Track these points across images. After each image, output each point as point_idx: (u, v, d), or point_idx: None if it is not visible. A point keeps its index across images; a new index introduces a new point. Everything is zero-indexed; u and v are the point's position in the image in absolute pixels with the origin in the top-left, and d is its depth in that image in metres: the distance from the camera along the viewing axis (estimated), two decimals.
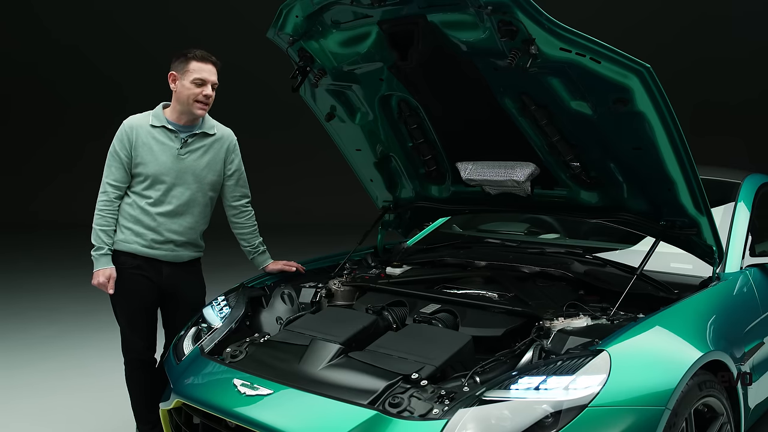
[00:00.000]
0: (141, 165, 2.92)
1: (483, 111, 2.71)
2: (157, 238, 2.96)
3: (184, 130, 2.97)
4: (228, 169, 3.09)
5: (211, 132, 3.03)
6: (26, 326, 5.46)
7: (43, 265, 8.17)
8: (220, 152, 3.04)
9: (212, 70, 2.91)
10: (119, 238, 2.98)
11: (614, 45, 2.13)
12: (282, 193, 12.16)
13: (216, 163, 3.04)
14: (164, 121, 2.95)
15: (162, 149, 2.93)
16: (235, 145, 3.13)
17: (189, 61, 2.88)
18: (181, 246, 3.02)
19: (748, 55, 11.64)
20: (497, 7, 2.15)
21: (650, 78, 2.15)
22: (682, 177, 2.38)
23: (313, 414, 2.08)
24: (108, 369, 4.29)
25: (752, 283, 2.78)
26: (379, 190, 3.48)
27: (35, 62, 13.23)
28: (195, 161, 2.98)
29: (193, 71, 2.87)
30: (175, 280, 3.04)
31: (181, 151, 2.94)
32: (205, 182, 3.01)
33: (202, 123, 3.01)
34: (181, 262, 3.04)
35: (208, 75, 2.89)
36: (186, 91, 2.88)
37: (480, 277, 2.95)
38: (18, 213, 12.15)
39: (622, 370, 1.96)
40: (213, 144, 3.03)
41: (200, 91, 2.88)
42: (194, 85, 2.87)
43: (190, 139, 2.97)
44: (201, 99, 2.89)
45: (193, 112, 2.91)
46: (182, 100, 2.91)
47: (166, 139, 2.94)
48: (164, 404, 2.58)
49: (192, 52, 2.90)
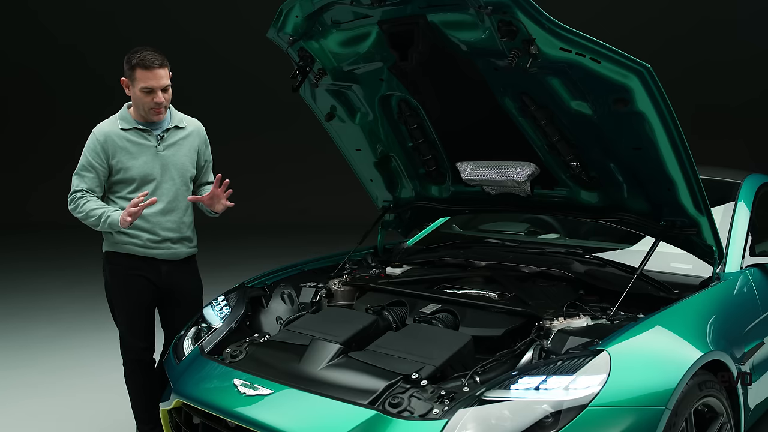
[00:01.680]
0: (123, 170, 2.91)
1: (483, 111, 2.71)
2: (153, 237, 2.96)
3: (156, 127, 2.97)
4: (201, 159, 3.13)
5: (182, 125, 3.04)
6: (25, 326, 5.46)
7: (42, 265, 8.16)
8: (194, 143, 3.07)
9: (159, 74, 2.81)
10: (115, 240, 2.97)
11: (616, 46, 2.13)
12: (282, 193, 12.16)
13: (193, 154, 3.07)
14: (133, 122, 2.94)
15: (140, 150, 2.93)
16: (205, 134, 3.16)
17: (134, 69, 2.80)
18: (177, 242, 3.04)
19: (750, 57, 11.63)
20: (497, 7, 2.15)
21: (650, 78, 2.15)
22: (682, 177, 2.38)
23: (313, 414, 2.08)
24: (107, 368, 4.29)
25: (752, 283, 2.78)
26: (379, 190, 3.48)
27: (33, 62, 13.21)
28: (174, 155, 3.00)
29: (139, 80, 2.81)
30: (174, 279, 3.05)
31: (159, 147, 2.96)
32: (187, 174, 3.04)
33: (170, 118, 3.01)
34: (178, 260, 3.05)
35: (155, 82, 2.81)
36: (138, 100, 2.86)
37: (480, 277, 2.95)
38: (16, 213, 12.14)
39: (622, 370, 1.96)
40: (187, 136, 3.05)
41: (150, 99, 2.84)
42: (143, 93, 2.83)
43: (165, 135, 2.98)
44: (152, 106, 2.85)
45: (151, 119, 2.92)
46: (138, 107, 2.90)
47: (141, 139, 2.94)
48: (164, 404, 2.58)
49: (135, 58, 2.80)
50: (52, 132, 13.17)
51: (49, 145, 13.06)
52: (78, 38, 12.98)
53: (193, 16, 12.67)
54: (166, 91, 2.87)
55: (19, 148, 13.18)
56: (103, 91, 12.75)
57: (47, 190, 12.73)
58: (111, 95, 13.29)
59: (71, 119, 12.94)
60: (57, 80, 13.23)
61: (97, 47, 12.96)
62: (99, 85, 12.80)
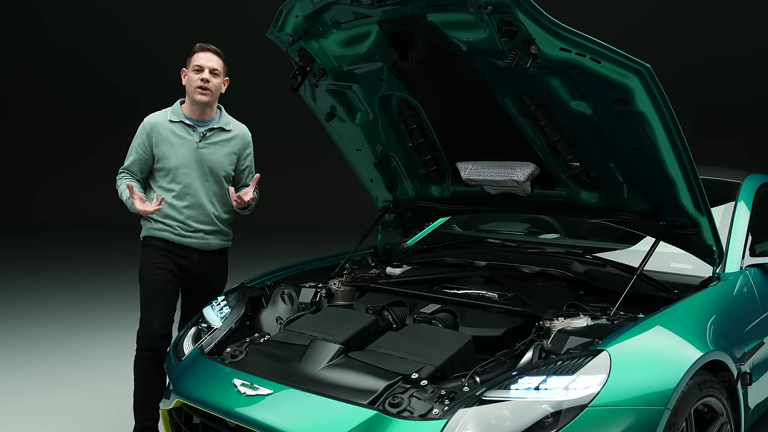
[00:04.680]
0: (163, 159, 3.06)
1: (483, 111, 2.71)
2: (186, 227, 3.08)
3: (201, 125, 3.10)
4: (242, 164, 3.21)
5: (227, 128, 3.16)
6: (27, 326, 5.46)
7: (44, 265, 8.17)
8: (236, 147, 3.18)
9: (209, 57, 3.05)
10: (150, 225, 3.11)
11: (615, 45, 2.13)
12: (282, 194, 12.15)
13: (233, 157, 3.17)
14: (181, 116, 3.09)
15: (181, 143, 3.06)
16: (250, 140, 3.27)
17: (193, 54, 3.07)
18: (211, 234, 3.14)
19: (753, 53, 11.59)
20: (497, 7, 2.15)
21: (650, 78, 2.16)
22: (682, 177, 2.38)
23: (313, 414, 2.08)
24: (109, 370, 4.30)
25: (752, 283, 2.78)
26: (379, 190, 3.48)
27: (36, 61, 13.23)
28: (213, 154, 3.10)
29: (194, 61, 3.05)
30: (204, 268, 3.15)
31: (200, 144, 3.07)
32: (222, 174, 3.13)
33: (219, 118, 3.15)
34: (210, 250, 3.15)
35: (204, 61, 3.03)
36: (189, 81, 3.06)
37: (480, 277, 2.95)
38: (18, 213, 12.15)
39: (622, 370, 1.96)
40: (230, 140, 3.16)
41: (198, 78, 3.02)
42: (194, 72, 3.04)
43: (208, 133, 3.10)
44: (199, 83, 3.01)
45: (195, 99, 3.04)
46: (188, 91, 3.08)
47: (185, 133, 3.07)
48: (164, 404, 2.59)
49: (196, 46, 3.08)
50: (55, 132, 13.19)
51: (53, 146, 13.09)
52: (81, 38, 12.99)
53: (193, 16, 12.69)
54: (215, 75, 3.04)
55: (23, 148, 13.19)
56: (109, 92, 12.82)
57: (52, 190, 12.76)
58: (117, 96, 13.33)
59: (75, 120, 12.98)
60: (61, 80, 13.23)
61: (99, 47, 12.99)
62: (105, 86, 12.85)
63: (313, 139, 7.46)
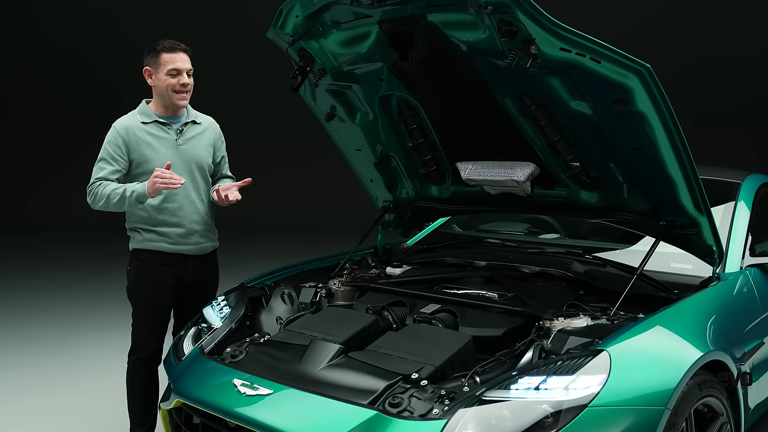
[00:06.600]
0: (144, 163, 2.94)
1: (483, 111, 2.71)
2: (181, 232, 3.00)
3: (175, 121, 3.03)
4: (218, 155, 3.18)
5: (198, 120, 3.12)
6: (23, 326, 5.45)
7: (41, 266, 8.16)
8: (211, 138, 3.14)
9: (184, 57, 2.95)
10: (143, 238, 3.00)
11: (618, 45, 2.13)
12: (282, 194, 12.16)
13: (209, 149, 3.13)
14: (153, 115, 3.00)
15: (161, 143, 2.98)
16: (220, 131, 3.22)
17: (159, 53, 2.92)
18: (204, 236, 3.09)
19: (757, 53, 11.56)
20: (497, 7, 2.15)
21: (650, 78, 2.15)
22: (682, 177, 2.38)
23: (313, 414, 2.08)
24: (105, 370, 4.30)
25: (752, 283, 2.78)
26: (379, 190, 3.48)
27: (34, 61, 13.22)
28: (193, 148, 3.05)
29: (166, 63, 2.91)
30: (199, 274, 3.11)
31: (179, 140, 3.01)
32: (205, 168, 3.09)
33: (187, 113, 3.08)
34: (203, 254, 3.11)
35: (181, 64, 2.92)
36: (163, 83, 2.93)
37: (480, 277, 2.95)
38: (15, 213, 12.14)
39: (622, 370, 1.96)
40: (204, 131, 3.12)
41: (176, 81, 2.92)
42: (169, 76, 2.91)
43: (184, 128, 3.04)
44: (179, 89, 2.94)
45: (175, 103, 2.97)
46: (162, 93, 2.96)
47: (162, 132, 3.00)
48: (164, 404, 2.59)
49: (160, 44, 2.93)
50: (53, 132, 13.18)
51: (51, 147, 13.07)
52: (79, 38, 12.98)
53: (193, 16, 12.67)
54: (190, 75, 2.96)
55: (20, 149, 13.18)
56: (110, 93, 12.79)
57: (49, 190, 12.75)
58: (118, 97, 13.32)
59: (73, 122, 12.97)
60: (62, 81, 13.22)
61: (97, 48, 12.98)
62: (106, 87, 12.83)
63: (313, 139, 7.45)
